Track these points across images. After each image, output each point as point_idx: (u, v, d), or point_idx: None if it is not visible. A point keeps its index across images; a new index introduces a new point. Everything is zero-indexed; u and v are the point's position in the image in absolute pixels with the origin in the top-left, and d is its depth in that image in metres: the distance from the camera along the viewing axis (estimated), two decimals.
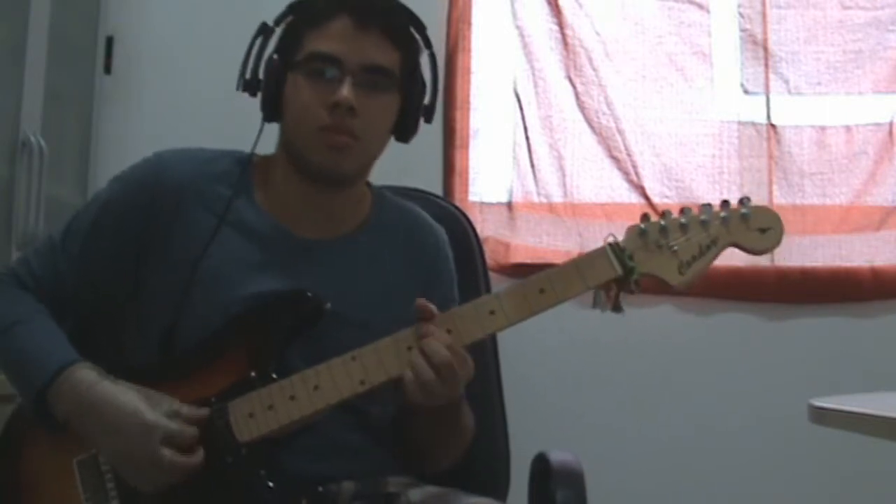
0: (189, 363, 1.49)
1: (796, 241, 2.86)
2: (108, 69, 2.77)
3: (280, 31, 1.57)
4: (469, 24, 2.90)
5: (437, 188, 2.81)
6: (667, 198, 2.89)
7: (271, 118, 1.56)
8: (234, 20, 2.43)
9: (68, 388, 1.43)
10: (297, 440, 1.45)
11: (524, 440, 1.88)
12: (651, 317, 2.76)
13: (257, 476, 1.42)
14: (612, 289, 1.46)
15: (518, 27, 2.92)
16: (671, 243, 1.46)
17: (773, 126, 2.92)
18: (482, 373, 1.56)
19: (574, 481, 1.66)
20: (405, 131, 1.60)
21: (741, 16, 2.95)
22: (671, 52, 2.94)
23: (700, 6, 2.95)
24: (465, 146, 2.87)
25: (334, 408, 1.44)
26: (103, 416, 1.41)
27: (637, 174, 2.90)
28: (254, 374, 1.45)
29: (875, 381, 2.10)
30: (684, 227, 1.46)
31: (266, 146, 1.60)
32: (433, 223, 1.70)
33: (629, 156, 2.91)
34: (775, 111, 2.92)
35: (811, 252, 2.88)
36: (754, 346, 2.88)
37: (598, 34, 2.92)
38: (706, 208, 1.47)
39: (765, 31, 2.93)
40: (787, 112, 2.92)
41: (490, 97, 2.93)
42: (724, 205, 1.48)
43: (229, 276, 1.52)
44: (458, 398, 1.48)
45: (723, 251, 1.47)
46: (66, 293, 1.55)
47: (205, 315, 1.50)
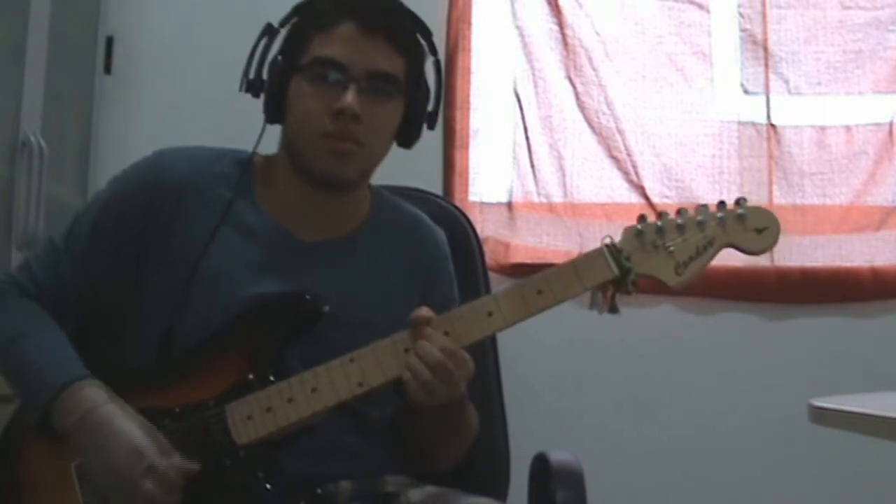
0: (188, 364, 1.48)
1: (796, 241, 2.85)
2: (108, 69, 2.77)
3: (285, 33, 1.56)
4: (469, 24, 2.89)
5: (437, 188, 2.80)
6: (667, 198, 2.88)
7: (274, 120, 1.55)
8: (234, 20, 2.45)
9: (73, 403, 1.42)
10: (296, 442, 1.45)
11: (524, 440, 1.88)
12: (651, 317, 2.76)
13: (255, 478, 1.42)
14: (609, 290, 1.46)
15: (518, 27, 2.92)
16: (668, 244, 1.46)
17: (773, 126, 2.92)
18: (482, 373, 1.56)
19: (574, 481, 1.66)
20: (408, 137, 1.59)
21: (741, 16, 2.94)
22: (671, 52, 2.94)
23: (700, 6, 2.94)
24: (465, 146, 2.87)
25: (332, 410, 1.44)
26: (101, 435, 1.40)
27: (637, 174, 2.90)
28: (252, 376, 1.45)
29: (875, 381, 2.09)
30: (681, 228, 1.47)
31: (266, 146, 1.60)
32: (432, 224, 1.69)
33: (629, 156, 2.90)
34: (775, 111, 2.92)
35: (811, 252, 2.88)
36: (754, 346, 2.87)
37: (598, 34, 2.92)
38: (703, 209, 1.48)
39: (765, 31, 2.93)
40: (787, 112, 2.92)
41: (490, 97, 2.93)
42: (721, 205, 1.48)
43: (229, 276, 1.51)
44: (459, 397, 1.48)
45: (720, 252, 1.48)
46: (68, 296, 1.54)
47: (204, 315, 1.49)
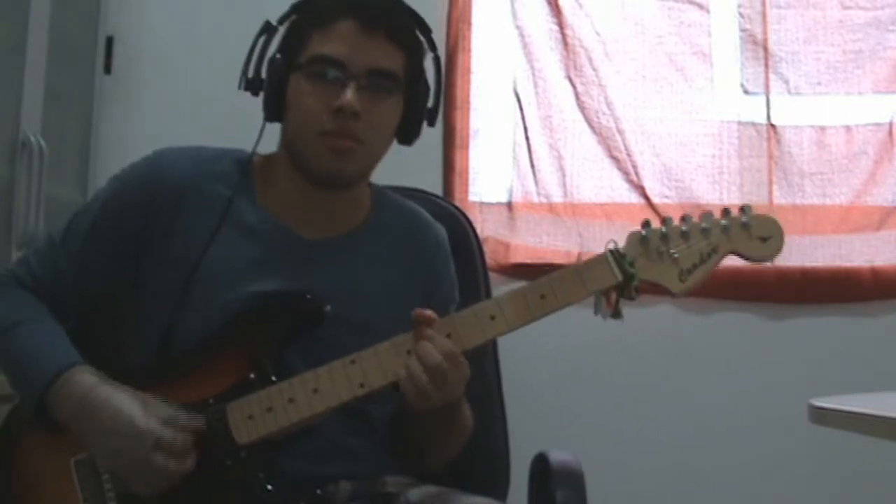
0: (189, 363, 1.48)
1: (796, 241, 2.85)
2: (108, 69, 2.76)
3: (283, 31, 1.56)
4: (469, 24, 2.89)
5: (437, 188, 2.80)
6: (667, 198, 2.88)
7: (273, 118, 1.55)
8: (234, 20, 2.44)
9: (67, 391, 1.42)
10: (296, 443, 1.45)
11: (524, 440, 1.88)
12: (651, 317, 2.75)
13: (256, 478, 1.42)
14: (612, 295, 1.46)
15: (518, 27, 2.92)
16: (672, 251, 1.46)
17: (773, 126, 2.92)
18: (482, 373, 1.56)
19: (574, 481, 1.66)
20: (408, 134, 1.59)
21: (741, 16, 2.94)
22: (671, 52, 2.94)
23: (700, 6, 2.94)
24: (465, 146, 2.87)
25: (334, 411, 1.44)
26: (100, 420, 1.40)
27: (637, 174, 2.90)
28: (253, 375, 1.45)
29: (875, 381, 2.09)
30: (685, 235, 1.46)
31: (266, 145, 1.60)
32: (433, 221, 1.69)
33: (629, 156, 2.90)
34: (775, 111, 2.92)
35: (811, 252, 2.88)
36: (754, 346, 2.87)
37: (598, 34, 2.92)
38: (707, 216, 1.47)
39: (765, 31, 2.93)
40: (787, 112, 2.92)
41: (490, 97, 2.92)
42: (725, 213, 1.48)
43: (229, 275, 1.51)
44: (455, 400, 1.47)
45: (723, 259, 1.47)
46: (66, 292, 1.54)
47: (204, 314, 1.49)
